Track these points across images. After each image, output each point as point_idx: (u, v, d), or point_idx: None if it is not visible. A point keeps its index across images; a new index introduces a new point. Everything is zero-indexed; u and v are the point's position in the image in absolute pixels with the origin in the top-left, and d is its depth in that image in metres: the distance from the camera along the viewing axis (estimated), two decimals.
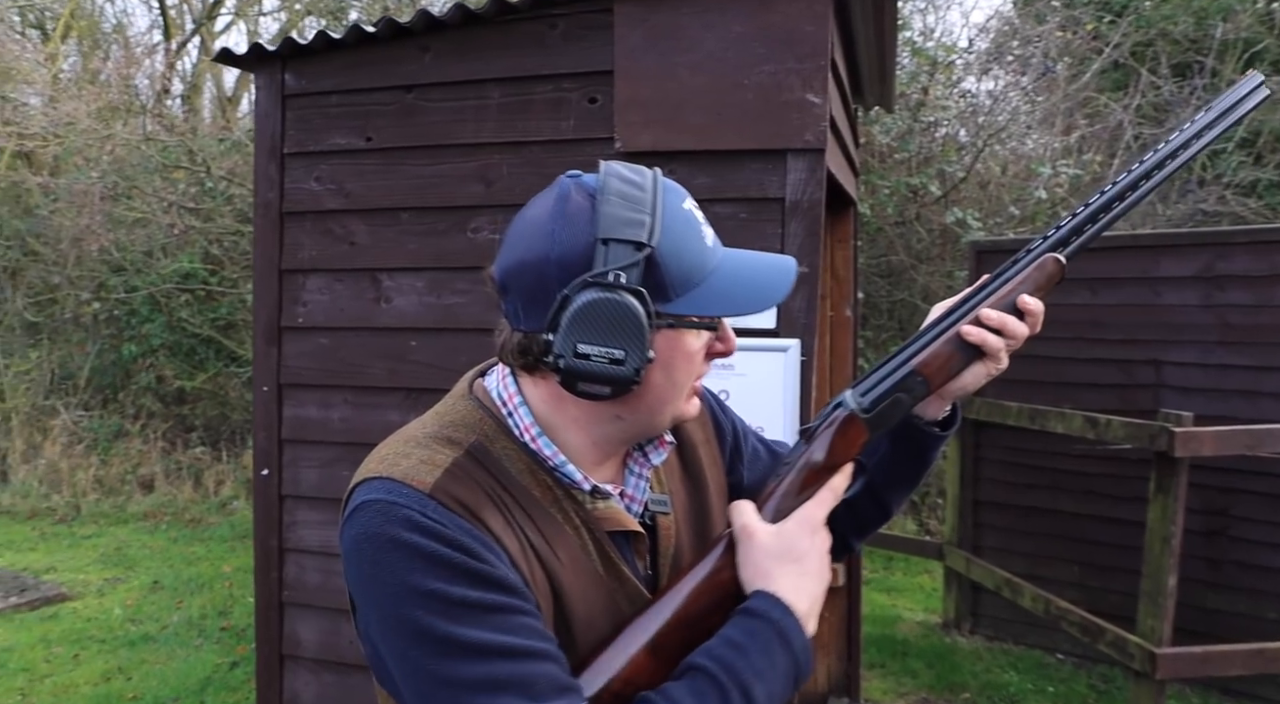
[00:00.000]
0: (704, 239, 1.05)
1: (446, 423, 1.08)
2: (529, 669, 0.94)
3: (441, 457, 1.02)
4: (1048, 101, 7.24)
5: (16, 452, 8.51)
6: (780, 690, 1.01)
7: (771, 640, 1.01)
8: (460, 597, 0.94)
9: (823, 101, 2.31)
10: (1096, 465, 4.68)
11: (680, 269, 1.02)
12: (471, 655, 0.93)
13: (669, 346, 1.04)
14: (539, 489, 1.05)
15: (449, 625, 0.94)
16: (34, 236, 9.02)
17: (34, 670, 4.81)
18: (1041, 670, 4.68)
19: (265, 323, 2.77)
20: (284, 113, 2.72)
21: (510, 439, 1.07)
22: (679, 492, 1.22)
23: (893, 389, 1.15)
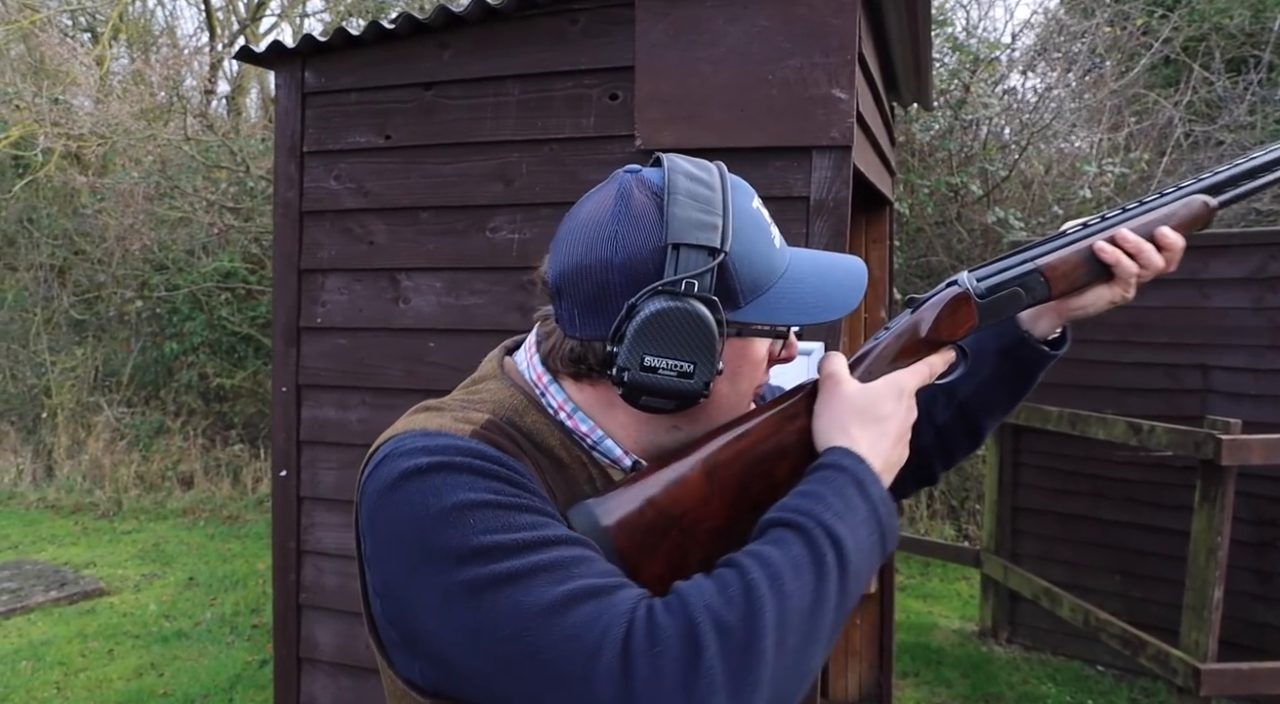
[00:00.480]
0: (773, 241, 1.00)
1: (476, 398, 1.02)
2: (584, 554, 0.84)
3: (475, 415, 0.97)
4: (1094, 98, 7.06)
5: (61, 447, 8.66)
6: (865, 539, 0.89)
7: (848, 486, 0.91)
8: (507, 502, 0.85)
9: (849, 97, 2.24)
10: (1140, 472, 4.54)
11: (751, 274, 0.97)
12: (518, 553, 0.82)
13: (737, 356, 0.99)
14: (573, 463, 1.00)
15: (496, 530, 0.83)
16: (81, 235, 9.17)
17: (70, 664, 4.86)
18: (1081, 683, 4.55)
19: (284, 323, 2.75)
20: (304, 111, 2.70)
21: (542, 413, 1.01)
22: None
23: (1012, 281, 1.09)
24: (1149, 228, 1.10)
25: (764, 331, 0.99)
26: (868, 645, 4.18)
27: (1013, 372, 1.22)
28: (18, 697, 4.48)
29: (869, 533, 0.90)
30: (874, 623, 4.17)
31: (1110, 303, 1.13)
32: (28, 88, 9.30)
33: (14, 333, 9.30)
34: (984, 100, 6.29)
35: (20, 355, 9.20)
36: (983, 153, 6.41)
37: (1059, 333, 1.21)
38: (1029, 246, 1.12)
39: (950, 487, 6.96)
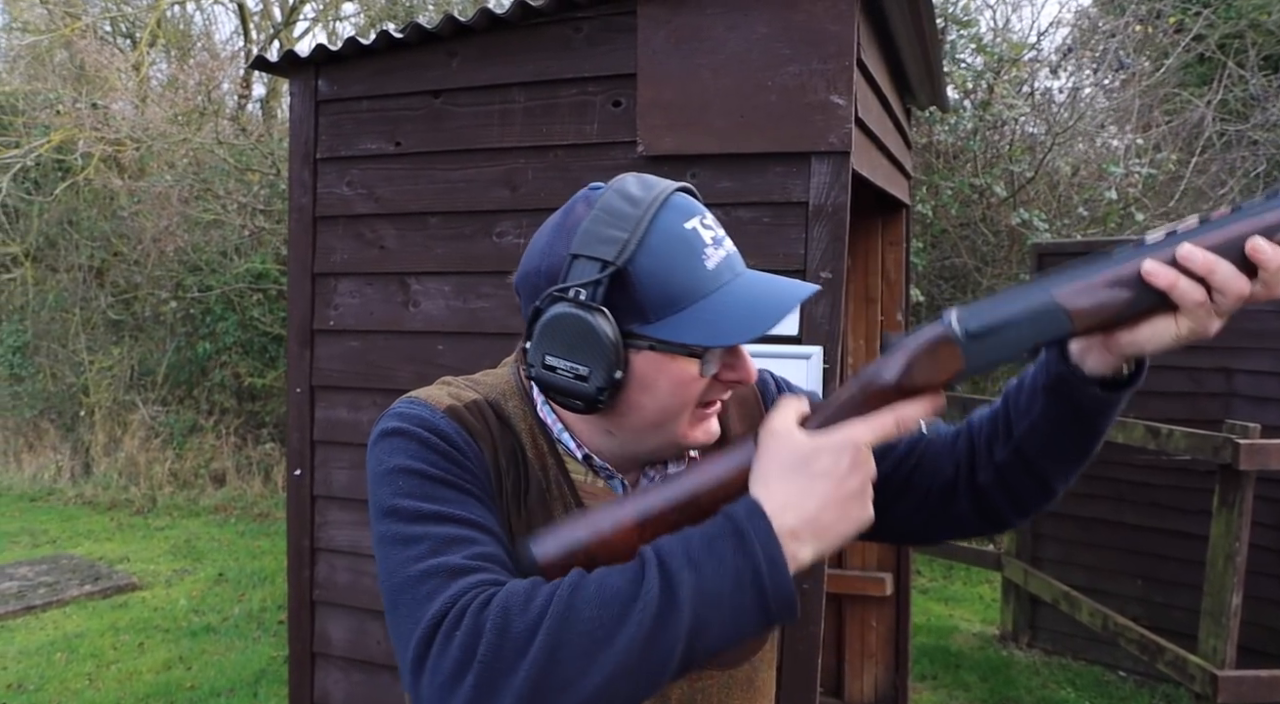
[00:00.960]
0: (702, 262, 1.00)
1: (478, 381, 1.14)
2: (471, 535, 0.95)
3: (466, 395, 1.08)
4: (1123, 97, 6.98)
5: (98, 444, 8.85)
6: (729, 594, 0.87)
7: (723, 537, 0.88)
8: (438, 475, 0.98)
9: (847, 103, 2.25)
10: (1161, 477, 4.50)
11: (662, 292, 0.99)
12: (428, 520, 0.95)
13: (653, 370, 1.01)
14: (534, 450, 1.08)
15: (414, 499, 0.97)
16: (118, 237, 9.36)
17: (102, 656, 4.99)
18: (1101, 688, 4.52)
19: (298, 325, 2.82)
20: (317, 118, 2.76)
21: (524, 400, 1.11)
22: None
23: (1014, 317, 0.89)
24: (1235, 239, 0.86)
25: (676, 349, 0.99)
26: (883, 647, 4.18)
27: (1066, 414, 1.04)
28: (52, 687, 4.61)
29: (731, 587, 0.86)
30: (890, 625, 4.17)
31: (1178, 339, 0.91)
32: (68, 93, 9.52)
33: (54, 333, 9.52)
34: (1009, 101, 6.25)
35: (60, 355, 9.41)
36: (1008, 153, 6.37)
37: (1131, 370, 1.02)
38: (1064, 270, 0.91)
39: None
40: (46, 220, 9.77)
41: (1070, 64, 7.23)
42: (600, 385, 0.99)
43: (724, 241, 1.04)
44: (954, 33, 6.45)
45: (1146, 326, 0.91)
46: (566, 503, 1.08)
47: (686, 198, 1.06)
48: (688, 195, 1.07)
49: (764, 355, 2.33)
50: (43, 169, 9.62)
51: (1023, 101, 6.42)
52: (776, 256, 2.33)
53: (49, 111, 9.49)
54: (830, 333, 2.29)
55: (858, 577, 4.09)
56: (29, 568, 6.37)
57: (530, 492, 1.07)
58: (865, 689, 4.22)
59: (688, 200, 1.05)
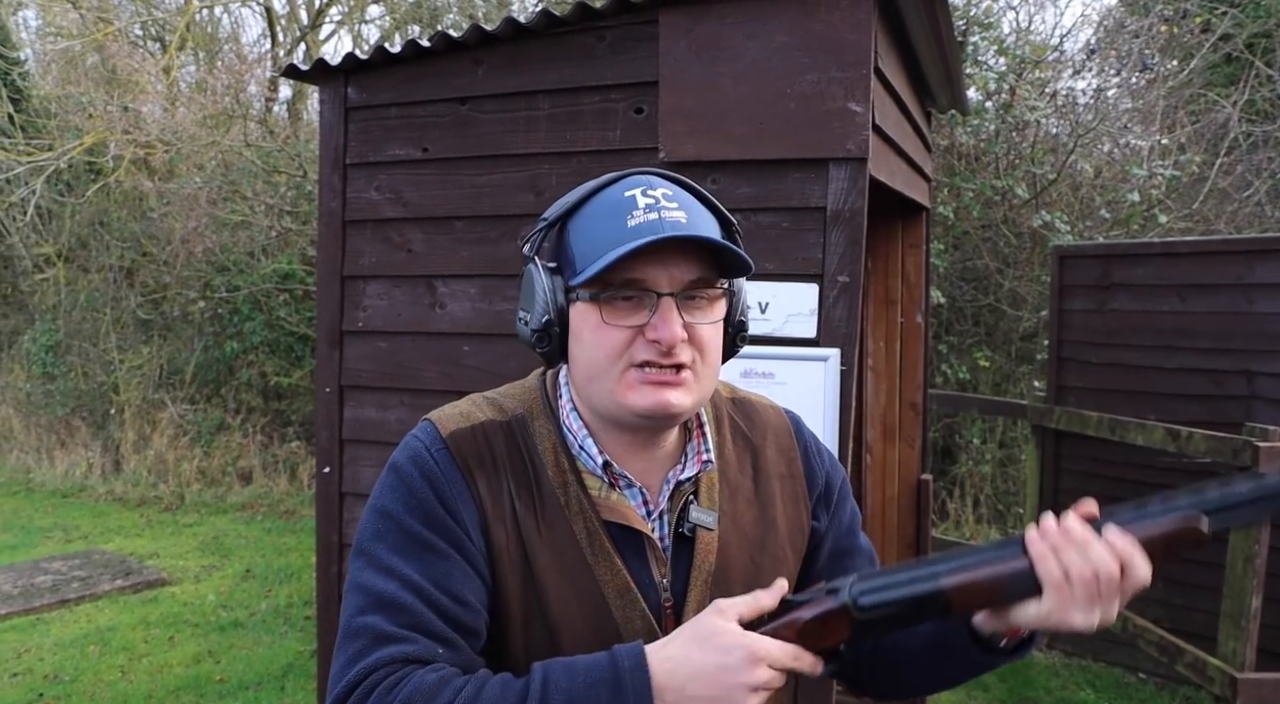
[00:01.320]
0: (625, 220, 1.06)
1: (508, 393, 1.21)
2: (412, 602, 1.04)
3: (479, 414, 1.16)
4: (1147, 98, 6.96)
5: (128, 442, 9.00)
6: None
7: (602, 683, 0.96)
8: (408, 527, 1.08)
9: (865, 110, 2.30)
10: (1183, 479, 4.48)
11: (585, 246, 1.08)
12: (382, 573, 1.06)
13: (579, 319, 1.10)
14: (554, 469, 1.14)
15: (381, 544, 1.08)
16: (148, 238, 9.51)
17: (133, 650, 5.09)
18: (1121, 689, 4.53)
19: (328, 326, 2.89)
20: (347, 125, 2.83)
21: (549, 419, 1.17)
22: (740, 515, 1.20)
23: (902, 600, 1.00)
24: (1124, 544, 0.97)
25: (576, 298, 1.09)
26: None
27: (943, 656, 1.13)
28: (86, 678, 4.71)
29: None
30: None
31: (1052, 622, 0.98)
32: (100, 97, 9.69)
33: (85, 332, 9.68)
34: (1031, 103, 6.25)
35: (91, 353, 9.57)
36: (1030, 155, 6.37)
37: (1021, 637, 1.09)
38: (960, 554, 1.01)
39: (996, 491, 6.92)
40: (78, 221, 9.94)
41: (1094, 65, 7.21)
42: (535, 328, 1.11)
43: (661, 208, 1.06)
44: (975, 35, 6.46)
45: (1028, 608, 0.99)
46: (586, 518, 1.12)
47: (645, 175, 1.13)
48: (654, 175, 1.13)
49: (784, 357, 2.38)
50: (75, 171, 9.78)
51: (1045, 103, 6.42)
52: (795, 261, 2.38)
53: (81, 114, 9.66)
54: (848, 335, 2.34)
55: None
56: (62, 562, 6.50)
57: (548, 510, 1.12)
58: None
59: (645, 176, 1.12)
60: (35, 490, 8.88)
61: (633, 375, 1.07)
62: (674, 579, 1.15)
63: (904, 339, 4.24)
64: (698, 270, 1.08)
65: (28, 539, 7.22)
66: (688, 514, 1.16)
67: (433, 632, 1.03)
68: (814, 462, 1.29)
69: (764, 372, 2.40)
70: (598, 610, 1.10)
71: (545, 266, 1.11)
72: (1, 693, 4.56)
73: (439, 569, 1.06)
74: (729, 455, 1.23)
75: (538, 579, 1.09)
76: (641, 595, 1.12)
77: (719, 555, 1.17)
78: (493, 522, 1.09)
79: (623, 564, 1.12)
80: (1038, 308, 6.49)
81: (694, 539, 1.16)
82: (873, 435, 4.24)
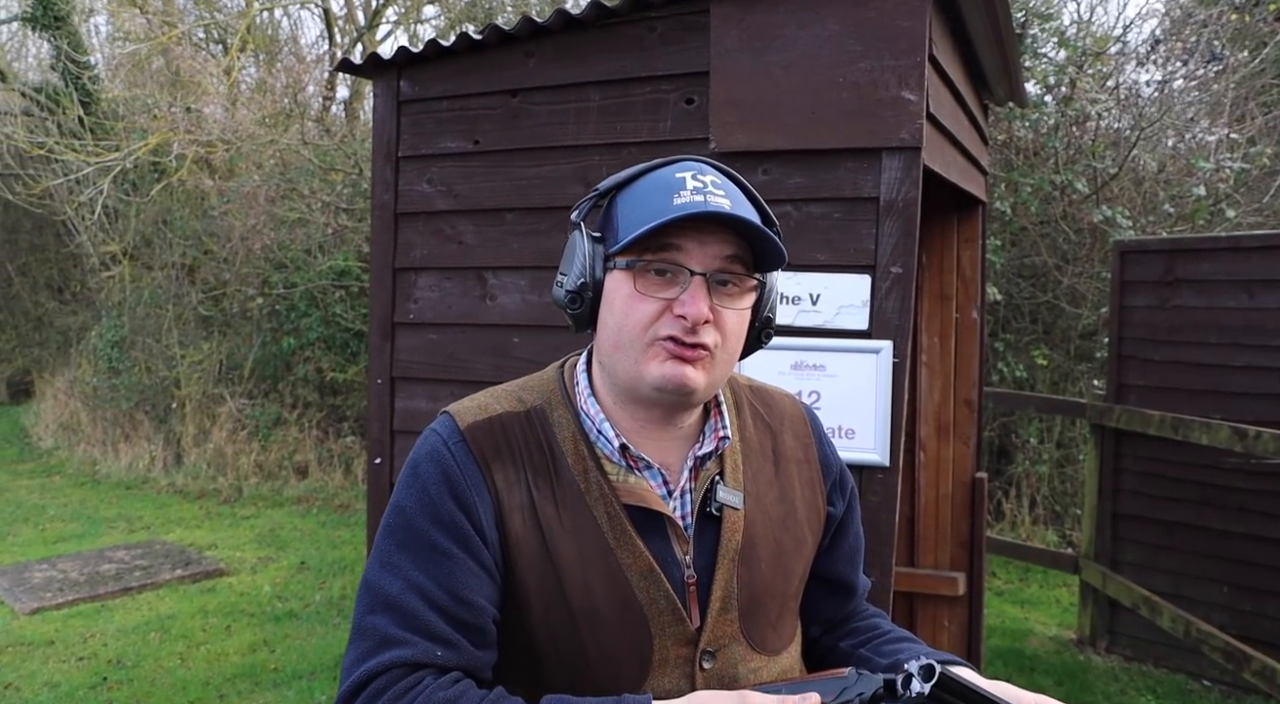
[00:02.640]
0: (671, 199, 1.09)
1: (526, 385, 1.24)
2: (414, 604, 1.07)
3: (497, 406, 1.19)
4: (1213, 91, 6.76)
5: (189, 436, 9.20)
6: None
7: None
8: (420, 528, 1.11)
9: (919, 98, 2.26)
10: (1251, 481, 4.36)
11: (630, 219, 1.11)
12: (389, 571, 1.11)
13: (613, 286, 1.13)
14: (574, 457, 1.16)
15: (393, 543, 1.12)
16: (209, 236, 9.72)
17: (192, 637, 5.20)
18: (1184, 696, 4.40)
19: (380, 319, 2.91)
20: (399, 118, 2.85)
21: (568, 409, 1.19)
22: (763, 496, 1.24)
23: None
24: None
25: (614, 266, 1.13)
26: (955, 647, 4.14)
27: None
28: (147, 664, 4.82)
29: None
30: (963, 625, 4.13)
31: None
32: (164, 98, 9.92)
33: (149, 328, 9.92)
34: (1092, 96, 6.11)
35: (154, 349, 9.80)
36: (1090, 149, 6.23)
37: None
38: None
39: (1054, 492, 6.78)
40: (143, 220, 10.19)
41: (1159, 56, 7.03)
42: (570, 289, 1.14)
43: (708, 191, 1.10)
44: (1035, 27, 6.33)
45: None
46: (607, 504, 1.14)
47: (698, 162, 1.16)
48: (707, 163, 1.17)
49: (835, 350, 2.35)
50: (139, 171, 10.03)
51: (1107, 96, 6.27)
52: (847, 252, 2.35)
53: (146, 116, 9.90)
54: (900, 328, 2.30)
55: (930, 576, 4.06)
56: (126, 552, 6.67)
57: (569, 498, 1.14)
58: None
59: (698, 163, 1.16)
60: (101, 482, 9.13)
61: (657, 348, 1.11)
62: (697, 556, 1.17)
63: (959, 335, 4.16)
64: (733, 253, 1.12)
65: (93, 529, 7.42)
66: (714, 493, 1.19)
67: (433, 634, 1.07)
68: (828, 450, 1.35)
69: (815, 364, 2.37)
70: (621, 594, 1.13)
71: (590, 234, 1.15)
72: (68, 675, 4.69)
73: (443, 569, 1.09)
74: (751, 438, 1.27)
75: (558, 567, 1.12)
76: (664, 575, 1.14)
77: (745, 534, 1.20)
78: (509, 513, 1.12)
79: (644, 546, 1.14)
80: (1097, 305, 6.35)
81: (720, 518, 1.19)
82: (926, 432, 4.18)
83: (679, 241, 1.09)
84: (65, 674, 4.70)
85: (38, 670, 4.74)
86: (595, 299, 1.15)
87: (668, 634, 1.14)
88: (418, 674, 1.05)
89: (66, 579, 6.05)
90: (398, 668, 1.05)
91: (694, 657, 1.15)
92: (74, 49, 10.84)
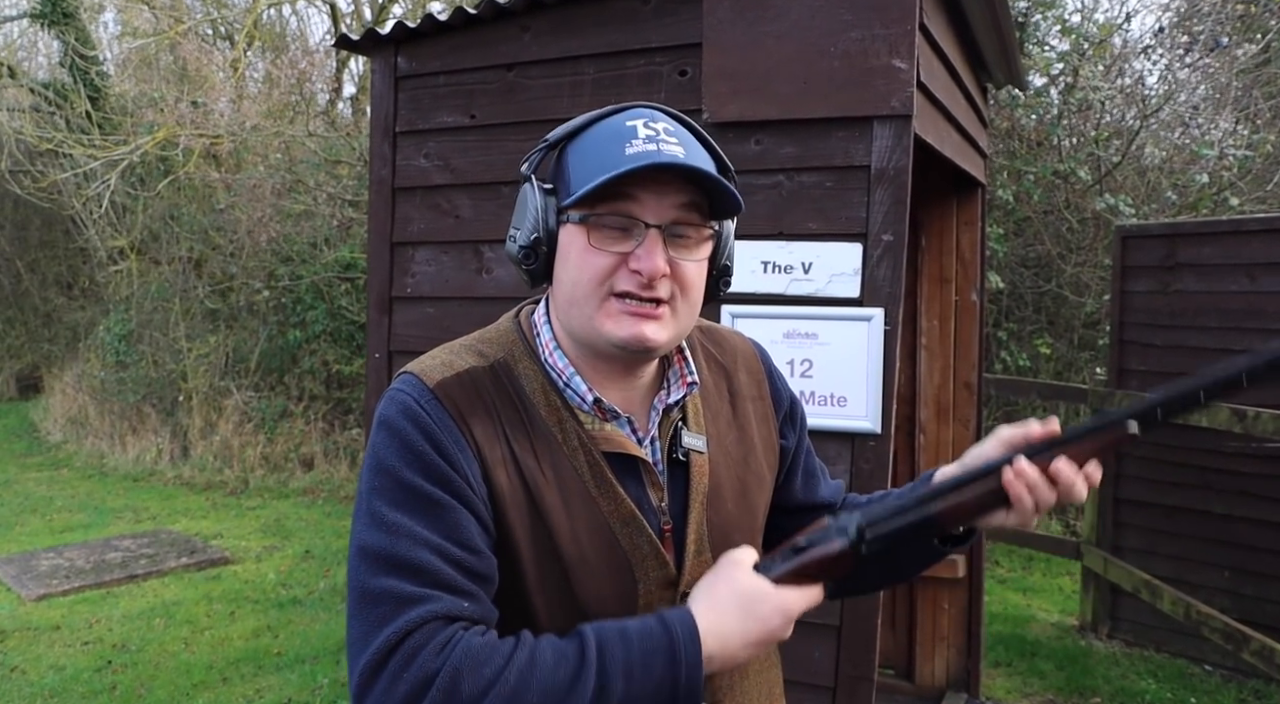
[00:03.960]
0: (623, 148, 1.06)
1: (484, 338, 1.19)
2: (422, 557, 1.01)
3: (461, 362, 1.14)
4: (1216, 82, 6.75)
5: (195, 428, 9.25)
6: (641, 697, 0.99)
7: (658, 651, 1.00)
8: (409, 482, 1.05)
9: (909, 67, 2.27)
10: (1252, 465, 4.35)
11: (581, 169, 1.08)
12: (389, 532, 1.02)
13: (567, 241, 1.11)
14: (546, 409, 1.13)
15: (383, 502, 1.04)
16: (215, 230, 9.77)
17: (196, 623, 5.23)
18: (1184, 680, 4.40)
19: (377, 293, 2.93)
20: (396, 94, 2.88)
21: (533, 361, 1.16)
22: (723, 436, 1.25)
23: (900, 531, 1.12)
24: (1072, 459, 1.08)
25: (567, 219, 1.10)
26: (955, 630, 4.14)
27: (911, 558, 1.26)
28: (152, 649, 4.86)
29: (651, 695, 0.99)
30: (963, 608, 4.13)
31: (1009, 525, 1.14)
32: (171, 92, 9.98)
33: (156, 321, 9.98)
34: (1095, 84, 6.10)
35: (161, 342, 9.85)
36: (1094, 137, 6.22)
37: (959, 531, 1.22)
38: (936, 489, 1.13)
39: None
40: (150, 215, 10.25)
41: (1163, 45, 7.02)
42: (523, 244, 1.11)
43: (660, 140, 1.06)
44: (1037, 15, 6.33)
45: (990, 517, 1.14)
46: (586, 453, 1.13)
47: (649, 108, 1.13)
48: (658, 109, 1.14)
49: (827, 317, 2.36)
50: (147, 166, 10.08)
51: (1109, 85, 6.27)
52: (839, 220, 2.36)
53: (153, 110, 9.96)
54: (892, 295, 2.31)
55: None
56: (132, 541, 6.71)
57: (548, 449, 1.12)
58: (936, 672, 4.18)
59: (649, 110, 1.12)
60: (108, 474, 9.18)
61: (613, 304, 1.09)
62: (671, 502, 1.18)
63: (958, 318, 4.17)
64: (687, 202, 1.09)
65: (100, 519, 7.47)
66: (679, 440, 1.19)
67: (454, 586, 1.02)
68: (779, 384, 1.36)
69: (807, 332, 2.38)
70: (606, 541, 1.12)
71: (541, 186, 1.12)
72: (73, 659, 4.72)
73: (447, 521, 1.04)
74: (706, 380, 1.27)
75: (545, 518, 1.10)
76: (645, 521, 1.14)
77: (710, 477, 1.21)
78: (492, 467, 1.08)
79: (625, 494, 1.14)
80: (1101, 294, 6.34)
81: (687, 463, 1.19)
82: (926, 415, 4.18)
83: (633, 191, 1.07)
84: (71, 658, 4.74)
85: (44, 654, 4.78)
86: (550, 253, 1.12)
87: (651, 579, 1.15)
88: (453, 627, 0.99)
89: (73, 567, 6.09)
90: (429, 623, 0.98)
91: (674, 599, 1.16)
92: (82, 44, 10.90)
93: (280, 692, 4.36)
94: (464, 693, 0.94)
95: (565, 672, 0.97)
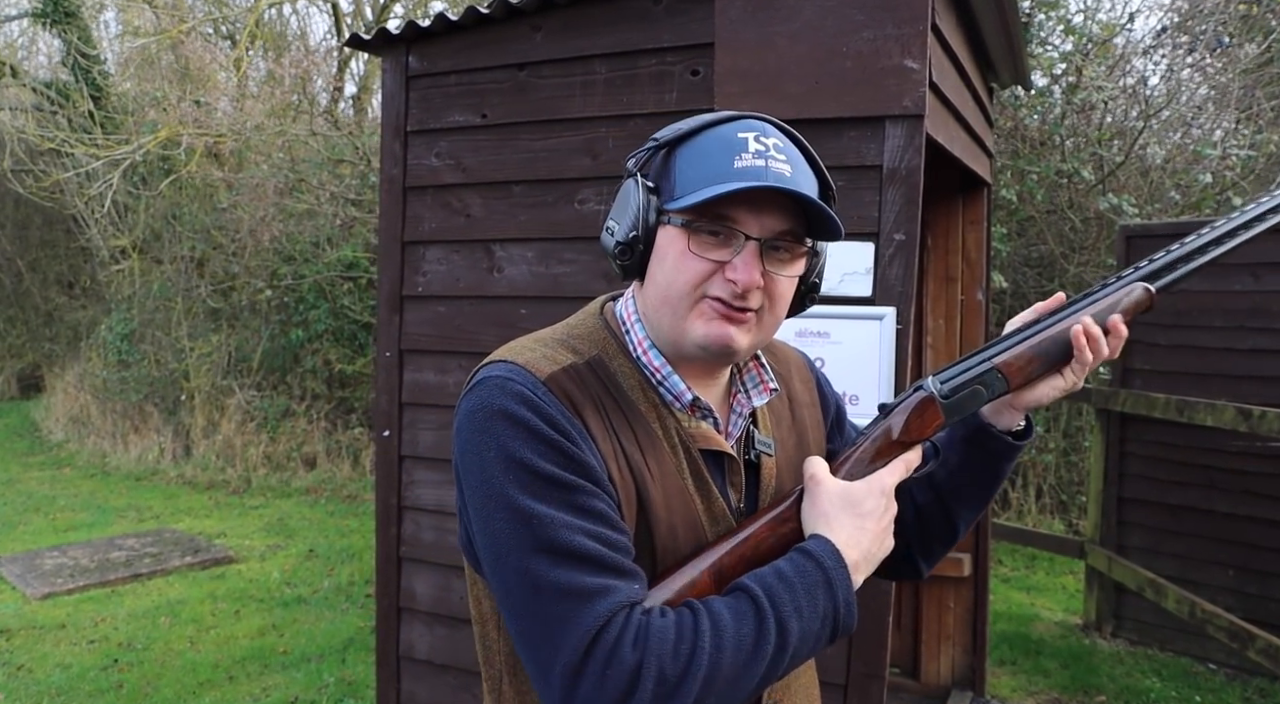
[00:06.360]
0: (733, 161, 1.08)
1: (574, 334, 1.19)
2: (588, 546, 1.01)
3: (562, 356, 1.14)
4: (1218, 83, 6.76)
5: (198, 428, 9.25)
6: (817, 632, 1.05)
7: (818, 585, 1.05)
8: (547, 472, 1.03)
9: (921, 67, 2.28)
10: (1256, 464, 4.36)
11: (689, 175, 1.10)
12: (545, 525, 1.01)
13: (665, 241, 1.12)
14: (645, 405, 1.15)
15: (527, 496, 1.02)
16: (217, 229, 9.77)
17: (201, 622, 5.24)
18: (1189, 679, 4.41)
19: (388, 292, 2.94)
20: (408, 93, 2.88)
21: (626, 357, 1.17)
22: (786, 441, 1.29)
23: (972, 380, 1.19)
24: (1101, 318, 1.19)
25: (668, 220, 1.11)
26: (960, 629, 4.15)
27: (979, 461, 1.29)
28: (157, 647, 4.86)
29: (820, 626, 1.05)
30: (968, 606, 4.14)
31: (1062, 391, 1.22)
32: (173, 91, 9.97)
33: (158, 321, 9.98)
34: (1098, 83, 6.11)
35: (163, 342, 9.85)
36: (1096, 137, 6.23)
37: (1022, 425, 1.30)
38: (987, 346, 1.22)
39: (1060, 481, 6.79)
40: (152, 215, 10.24)
41: (1166, 45, 7.03)
42: (620, 240, 1.12)
43: (769, 156, 1.08)
44: (1040, 14, 6.34)
45: (1044, 385, 1.21)
46: (686, 450, 1.15)
47: (762, 121, 1.14)
48: (771, 123, 1.15)
49: (839, 316, 2.37)
50: (149, 166, 10.08)
51: (1112, 84, 6.27)
52: (851, 219, 2.36)
53: (155, 109, 9.95)
54: (904, 294, 2.32)
55: None
56: (135, 540, 6.71)
57: (652, 446, 1.13)
58: (942, 670, 4.20)
59: (761, 123, 1.13)
60: (111, 474, 9.19)
61: (704, 305, 1.11)
62: (746, 500, 1.22)
63: (964, 317, 4.18)
64: (788, 224, 1.11)
65: (103, 518, 7.47)
66: (753, 441, 1.23)
67: (623, 570, 1.02)
68: (826, 390, 1.41)
69: (819, 331, 2.39)
70: (698, 538, 1.14)
71: (645, 184, 1.12)
72: (79, 657, 4.73)
73: (595, 507, 1.04)
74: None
75: (649, 512, 1.11)
76: (726, 517, 1.18)
77: (776, 478, 1.24)
78: (608, 459, 1.08)
79: (718, 492, 1.17)
80: None
81: (758, 464, 1.23)
82: None
83: (736, 209, 1.08)
84: (76, 656, 4.74)
85: (49, 653, 4.79)
86: (646, 251, 1.13)
87: None
88: (635, 614, 0.99)
89: (77, 566, 6.09)
90: (616, 615, 0.98)
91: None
92: (84, 44, 10.90)
93: (286, 690, 4.36)
94: (670, 677, 0.96)
95: (749, 627, 1.01)
